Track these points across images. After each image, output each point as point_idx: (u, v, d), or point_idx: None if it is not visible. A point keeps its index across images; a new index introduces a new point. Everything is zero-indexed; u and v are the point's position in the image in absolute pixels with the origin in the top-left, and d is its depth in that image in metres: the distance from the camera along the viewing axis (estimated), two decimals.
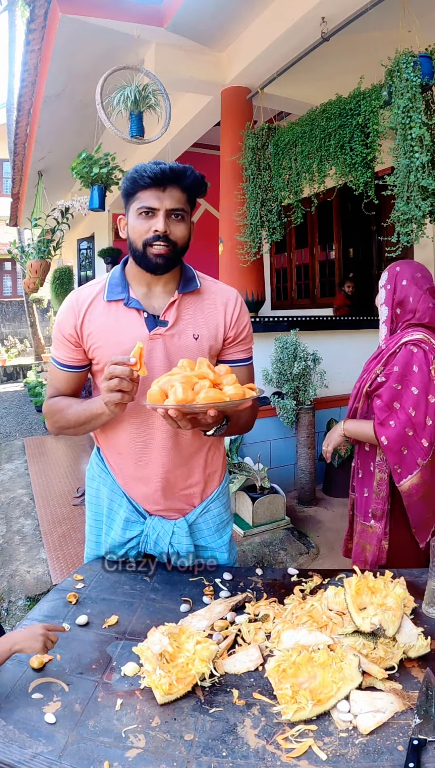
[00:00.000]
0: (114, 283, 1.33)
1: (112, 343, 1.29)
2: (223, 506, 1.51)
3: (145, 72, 3.35)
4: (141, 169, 1.21)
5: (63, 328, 1.33)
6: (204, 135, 4.96)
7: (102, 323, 1.31)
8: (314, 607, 1.14)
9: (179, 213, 1.24)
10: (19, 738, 0.85)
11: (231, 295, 1.39)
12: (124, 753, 0.83)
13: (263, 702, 0.93)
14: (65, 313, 1.33)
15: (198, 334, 1.33)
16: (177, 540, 1.40)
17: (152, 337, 1.29)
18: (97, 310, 1.31)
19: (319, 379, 3.68)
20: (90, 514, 1.52)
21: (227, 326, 1.37)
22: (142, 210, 1.23)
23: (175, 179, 1.21)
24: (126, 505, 1.42)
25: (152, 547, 1.43)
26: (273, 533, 3.22)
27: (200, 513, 1.45)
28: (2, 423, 7.85)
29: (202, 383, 1.12)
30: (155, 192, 1.21)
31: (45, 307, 14.33)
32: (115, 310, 1.31)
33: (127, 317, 1.30)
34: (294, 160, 3.45)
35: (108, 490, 1.45)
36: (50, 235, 5.58)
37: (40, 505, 4.18)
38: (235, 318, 1.38)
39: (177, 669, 0.97)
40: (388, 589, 1.08)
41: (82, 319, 1.31)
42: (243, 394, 1.11)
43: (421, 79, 2.53)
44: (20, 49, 5.80)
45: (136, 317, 1.30)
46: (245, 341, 1.42)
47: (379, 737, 0.83)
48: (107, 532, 1.46)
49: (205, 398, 1.07)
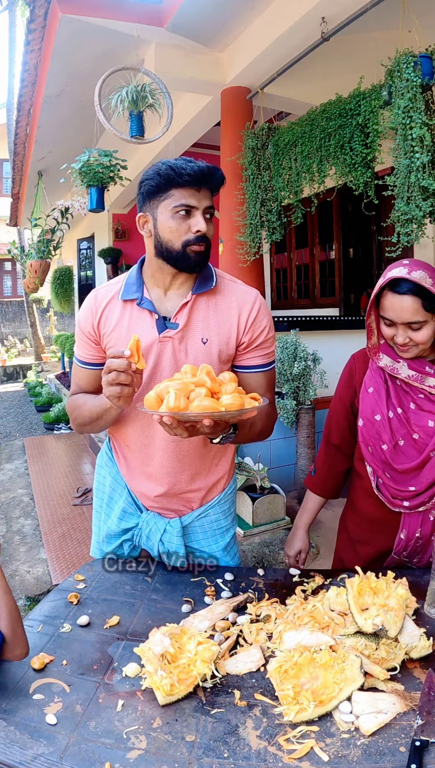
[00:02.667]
0: (130, 282, 1.32)
1: (123, 344, 1.27)
2: (223, 513, 1.50)
3: (144, 71, 3.35)
4: (178, 166, 1.17)
5: (83, 327, 1.34)
6: (204, 135, 4.96)
7: (116, 322, 1.30)
8: (316, 608, 1.13)
9: (211, 212, 1.24)
10: (20, 739, 0.85)
11: (248, 298, 1.33)
12: (125, 754, 0.83)
13: (265, 703, 0.93)
14: (85, 312, 1.34)
15: (207, 339, 1.29)
16: (167, 538, 1.40)
17: (161, 339, 1.27)
18: (113, 309, 1.31)
19: (319, 379, 3.68)
20: (96, 501, 1.54)
21: (241, 331, 1.32)
22: (181, 208, 1.19)
23: (209, 179, 1.20)
24: (125, 496, 1.44)
25: (144, 541, 1.44)
26: (273, 533, 3.21)
27: (197, 517, 1.44)
28: (2, 423, 7.84)
29: (198, 391, 1.08)
30: (191, 190, 1.19)
31: (45, 307, 14.33)
32: (130, 310, 1.30)
33: (139, 318, 1.29)
34: (294, 160, 3.45)
35: (111, 479, 1.48)
36: (50, 235, 5.58)
37: (40, 505, 4.18)
38: (250, 323, 1.31)
39: (178, 670, 0.96)
40: (390, 589, 1.08)
41: (99, 318, 1.31)
42: (241, 404, 1.06)
43: (421, 79, 2.53)
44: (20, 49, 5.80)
45: (148, 318, 1.29)
46: (263, 346, 1.35)
47: (381, 738, 0.83)
48: (105, 520, 1.48)
49: (198, 407, 1.03)
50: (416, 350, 1.29)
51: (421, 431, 1.32)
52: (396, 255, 2.72)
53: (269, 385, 1.40)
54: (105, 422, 1.33)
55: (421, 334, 1.25)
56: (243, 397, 1.09)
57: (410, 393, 1.34)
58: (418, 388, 1.33)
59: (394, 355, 1.35)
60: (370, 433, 1.38)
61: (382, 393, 1.37)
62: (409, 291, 1.22)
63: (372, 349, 1.40)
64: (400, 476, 1.35)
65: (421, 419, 1.32)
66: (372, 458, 1.39)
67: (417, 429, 1.33)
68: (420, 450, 1.32)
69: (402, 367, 1.34)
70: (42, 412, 7.92)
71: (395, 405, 1.35)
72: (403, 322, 1.25)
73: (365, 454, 1.41)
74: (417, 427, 1.33)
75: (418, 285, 1.21)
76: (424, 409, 1.32)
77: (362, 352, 1.48)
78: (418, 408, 1.33)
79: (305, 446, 3.71)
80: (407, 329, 1.26)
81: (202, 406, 1.03)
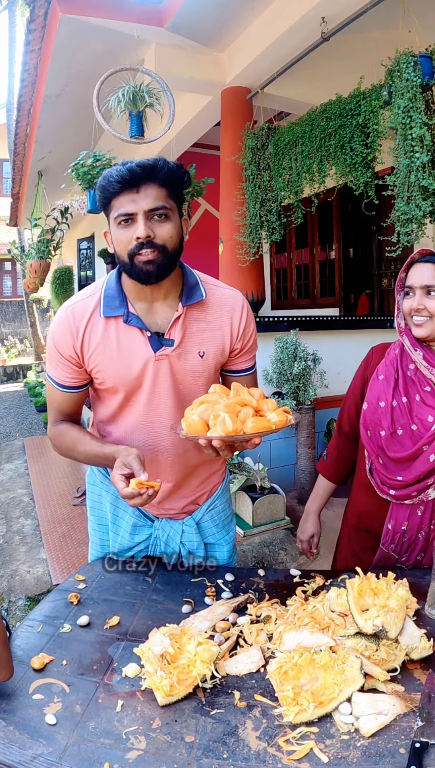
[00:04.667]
0: (110, 295, 1.21)
1: (116, 366, 1.21)
2: (226, 502, 1.53)
3: (143, 70, 3.35)
4: (108, 174, 1.10)
5: (61, 348, 1.22)
6: (204, 135, 4.96)
7: (102, 343, 1.20)
8: (316, 609, 1.13)
9: (161, 212, 1.11)
10: (19, 739, 0.85)
11: (236, 303, 1.30)
12: (124, 754, 0.82)
13: (265, 704, 0.93)
14: (62, 331, 1.21)
15: (203, 352, 1.25)
16: (187, 538, 1.41)
17: (158, 358, 1.21)
18: (96, 328, 1.20)
19: (319, 379, 3.67)
20: (93, 518, 1.51)
21: (234, 339, 1.29)
22: (121, 218, 1.11)
23: (148, 176, 1.09)
24: (131, 510, 1.41)
25: (163, 548, 1.43)
26: (273, 533, 3.21)
27: (206, 510, 1.46)
28: (2, 423, 7.84)
29: (245, 411, 1.07)
30: (129, 195, 1.10)
31: (45, 307, 14.32)
32: (115, 328, 1.20)
33: (128, 337, 1.20)
34: (294, 160, 3.45)
35: (111, 497, 1.44)
36: (50, 235, 5.59)
37: (40, 505, 4.18)
38: (241, 329, 1.29)
39: (178, 670, 0.96)
40: (390, 590, 1.08)
41: (82, 340, 1.20)
42: (287, 420, 1.09)
43: (421, 79, 2.53)
44: (20, 49, 5.79)
45: (139, 336, 1.20)
46: (250, 350, 1.36)
47: (381, 740, 0.83)
48: (114, 538, 1.45)
49: (253, 427, 1.03)
50: (431, 325, 1.31)
51: (420, 424, 1.34)
52: (396, 255, 2.72)
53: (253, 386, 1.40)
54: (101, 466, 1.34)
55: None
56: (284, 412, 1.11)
57: (417, 384, 1.37)
58: (425, 380, 1.35)
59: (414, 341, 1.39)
60: (371, 418, 1.41)
61: (392, 381, 1.40)
62: (431, 260, 1.30)
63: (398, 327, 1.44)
64: (392, 464, 1.38)
65: (423, 412, 1.34)
66: (369, 442, 1.42)
67: (417, 421, 1.35)
68: (415, 441, 1.34)
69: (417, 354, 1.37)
70: (42, 412, 7.93)
71: (401, 394, 1.38)
72: (420, 285, 1.31)
73: (363, 437, 1.44)
74: (417, 418, 1.35)
75: None
76: (427, 402, 1.34)
77: (381, 345, 1.52)
78: (422, 400, 1.35)
79: (305, 446, 3.71)
80: (424, 295, 1.31)
81: (258, 426, 1.04)
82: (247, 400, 1.09)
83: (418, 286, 1.31)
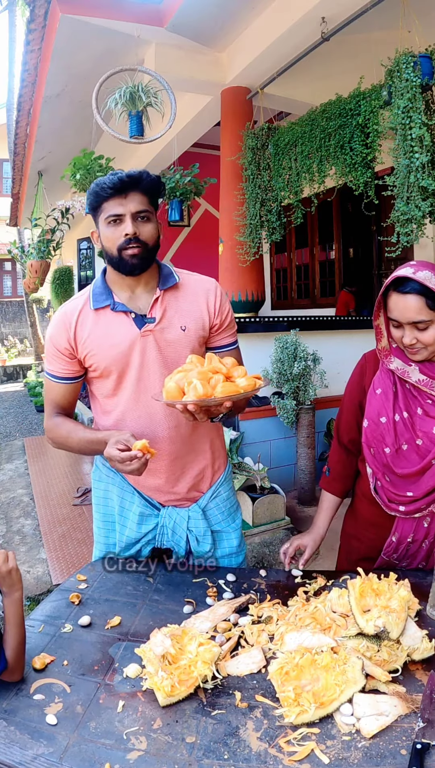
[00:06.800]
0: (97, 291, 1.39)
1: (106, 347, 1.36)
2: (231, 490, 1.57)
3: (142, 69, 3.34)
4: (100, 182, 1.29)
5: (57, 343, 1.39)
6: (204, 135, 4.96)
7: (93, 331, 1.36)
8: (318, 609, 1.13)
9: (144, 215, 1.31)
10: (20, 739, 0.85)
11: (210, 285, 1.46)
12: (125, 755, 0.82)
13: (266, 704, 0.93)
14: (57, 329, 1.39)
15: (185, 326, 1.40)
16: (194, 524, 1.46)
17: (143, 334, 1.35)
18: (86, 320, 1.37)
19: (319, 379, 3.67)
20: (98, 516, 1.54)
21: (212, 315, 1.44)
22: (111, 219, 1.30)
23: (134, 185, 1.29)
24: (138, 500, 1.46)
25: (170, 536, 1.46)
26: (273, 533, 3.21)
27: (211, 497, 1.50)
28: (2, 423, 7.84)
29: (216, 377, 1.17)
30: (118, 200, 1.29)
31: (45, 307, 14.32)
32: (104, 317, 1.37)
33: (116, 321, 1.37)
34: (294, 160, 3.45)
35: (118, 489, 1.48)
36: (50, 235, 5.58)
37: (40, 505, 4.18)
38: (217, 307, 1.44)
39: (179, 671, 0.96)
40: (392, 591, 1.08)
41: (74, 331, 1.37)
42: (254, 385, 1.19)
43: (421, 79, 2.53)
44: (20, 49, 5.79)
45: (125, 319, 1.36)
46: (230, 326, 1.50)
47: (382, 741, 0.83)
48: (120, 530, 1.48)
49: (222, 391, 1.13)
50: (426, 352, 1.28)
51: (425, 437, 1.32)
52: (396, 255, 2.72)
53: (240, 360, 1.49)
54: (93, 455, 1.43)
55: (428, 335, 1.25)
56: (253, 378, 1.20)
57: (418, 398, 1.34)
58: (426, 394, 1.32)
59: (405, 359, 1.35)
60: (374, 435, 1.38)
61: (390, 395, 1.36)
62: (412, 290, 1.22)
63: (383, 351, 1.39)
64: (399, 480, 1.35)
65: (427, 425, 1.32)
66: (373, 460, 1.39)
67: (421, 434, 1.32)
68: (422, 456, 1.32)
69: (413, 371, 1.33)
70: (42, 412, 7.91)
71: (402, 408, 1.35)
72: (408, 321, 1.25)
73: (367, 455, 1.41)
74: (421, 432, 1.32)
75: (422, 284, 1.21)
76: (430, 414, 1.32)
77: (373, 351, 1.47)
78: (424, 413, 1.33)
79: (305, 446, 3.71)
80: (413, 329, 1.26)
81: (226, 390, 1.14)
82: (217, 368, 1.21)
83: (405, 322, 1.26)
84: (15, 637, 0.97)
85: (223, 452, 1.57)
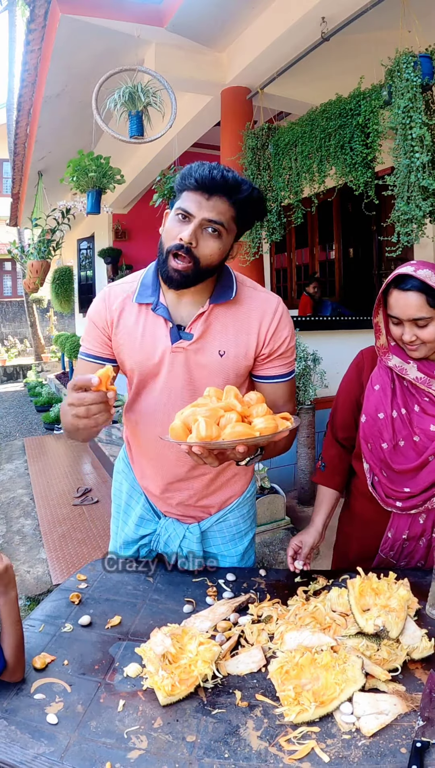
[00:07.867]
0: (146, 283, 1.24)
1: (134, 349, 1.23)
2: (242, 517, 1.45)
3: (142, 69, 3.34)
4: (190, 168, 1.11)
5: (96, 320, 1.27)
6: (204, 135, 4.96)
7: (130, 325, 1.23)
8: (317, 609, 1.13)
9: (216, 227, 1.10)
10: (20, 738, 0.85)
11: (269, 307, 1.24)
12: (126, 754, 0.83)
13: (266, 703, 0.93)
14: (98, 306, 1.27)
15: (224, 351, 1.21)
16: (187, 545, 1.39)
17: (174, 350, 1.20)
18: (127, 312, 1.24)
19: (319, 379, 3.67)
20: (114, 506, 1.54)
21: (261, 343, 1.24)
22: (180, 212, 1.11)
23: (224, 189, 1.08)
24: (142, 502, 1.43)
25: (162, 547, 1.43)
26: (273, 533, 3.22)
27: (216, 521, 1.42)
28: (2, 423, 7.84)
29: (228, 416, 1.01)
30: (199, 197, 1.09)
31: (45, 307, 14.33)
32: (144, 314, 1.23)
33: (152, 324, 1.22)
34: (294, 160, 3.45)
35: (128, 485, 1.47)
36: (50, 235, 5.58)
37: (40, 505, 4.18)
38: (270, 334, 1.23)
39: (180, 670, 0.96)
40: (391, 590, 1.08)
41: (113, 318, 1.24)
42: (275, 428, 1.00)
43: (421, 79, 2.53)
44: (20, 49, 5.79)
45: (162, 326, 1.21)
46: (284, 356, 1.28)
47: (382, 739, 0.83)
48: (121, 527, 1.48)
49: (231, 434, 0.96)
50: (425, 349, 1.29)
51: (423, 434, 1.32)
52: (396, 255, 2.72)
53: (290, 395, 1.34)
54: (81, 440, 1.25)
55: (428, 332, 1.26)
56: (275, 418, 1.03)
57: (416, 395, 1.34)
58: (424, 391, 1.33)
59: (404, 356, 1.36)
60: (371, 431, 1.38)
61: (388, 392, 1.37)
62: (413, 287, 1.23)
63: (381, 348, 1.40)
64: (396, 476, 1.36)
65: (424, 422, 1.32)
66: (370, 455, 1.40)
67: (419, 431, 1.33)
68: (419, 452, 1.32)
69: (411, 368, 1.34)
70: (42, 412, 7.93)
71: (400, 405, 1.35)
72: (408, 318, 1.26)
73: (364, 450, 1.41)
74: (419, 429, 1.33)
75: (423, 282, 1.22)
76: (428, 412, 1.32)
77: (371, 348, 1.48)
78: (422, 410, 1.33)
79: (305, 446, 3.71)
80: (413, 326, 1.27)
81: (236, 432, 0.96)
82: (232, 405, 1.03)
83: (406, 319, 1.26)
84: (13, 637, 0.97)
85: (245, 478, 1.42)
